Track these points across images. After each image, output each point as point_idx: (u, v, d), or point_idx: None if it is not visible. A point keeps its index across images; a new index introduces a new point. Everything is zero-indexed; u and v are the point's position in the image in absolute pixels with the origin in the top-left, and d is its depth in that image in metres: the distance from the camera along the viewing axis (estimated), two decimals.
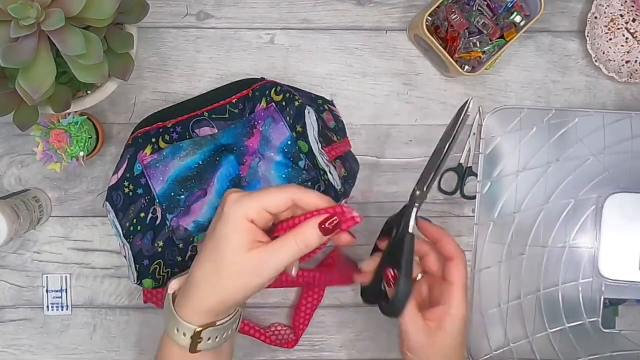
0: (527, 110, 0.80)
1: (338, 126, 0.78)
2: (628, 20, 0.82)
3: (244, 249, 0.54)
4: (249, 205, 0.54)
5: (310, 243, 0.54)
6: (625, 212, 0.78)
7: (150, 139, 0.74)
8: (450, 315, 0.61)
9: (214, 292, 0.55)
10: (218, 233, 0.55)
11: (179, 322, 0.56)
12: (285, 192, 0.55)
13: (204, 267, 0.56)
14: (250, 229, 0.54)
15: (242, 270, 0.54)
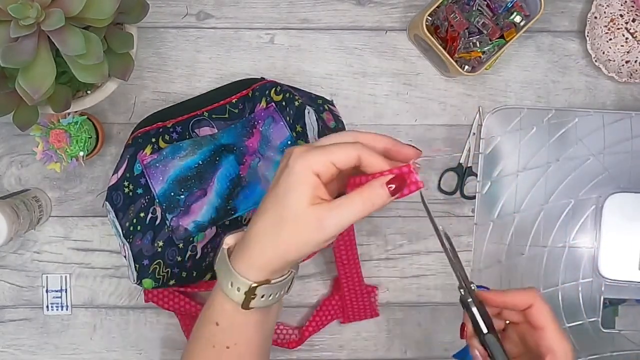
0: (527, 110, 0.80)
1: (338, 126, 0.78)
2: (628, 20, 0.82)
3: (307, 202, 0.52)
4: (316, 158, 0.52)
5: (377, 202, 0.52)
6: (625, 212, 0.78)
7: (150, 139, 0.74)
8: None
9: (273, 245, 0.54)
10: (282, 184, 0.53)
11: (234, 276, 0.55)
12: (355, 149, 0.53)
13: (265, 219, 0.54)
14: (315, 183, 0.52)
15: (304, 224, 0.52)
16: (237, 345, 0.58)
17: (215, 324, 0.59)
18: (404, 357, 0.85)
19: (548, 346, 0.55)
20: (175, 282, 0.74)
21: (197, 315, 0.80)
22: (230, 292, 0.56)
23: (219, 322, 0.58)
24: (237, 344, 0.58)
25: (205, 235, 0.73)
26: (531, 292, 0.57)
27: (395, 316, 0.85)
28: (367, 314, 0.83)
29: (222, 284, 0.57)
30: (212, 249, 0.74)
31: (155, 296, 0.79)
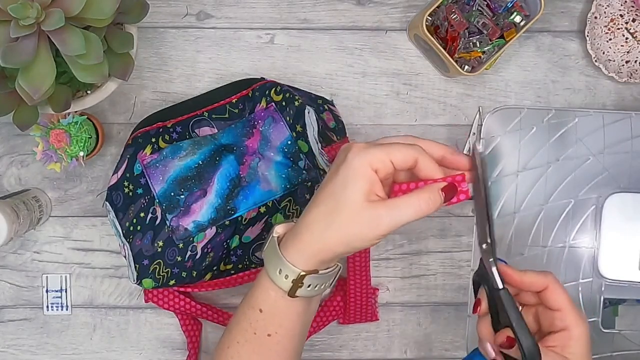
0: (527, 110, 0.80)
1: (338, 126, 0.78)
2: (628, 20, 0.82)
3: (364, 196, 0.53)
4: (376, 154, 0.53)
5: (432, 206, 0.54)
6: (625, 212, 0.78)
7: (150, 139, 0.74)
8: (574, 339, 0.56)
9: (325, 235, 0.54)
10: (340, 177, 0.54)
11: (284, 263, 0.56)
12: (414, 150, 0.54)
13: (319, 208, 0.55)
14: (372, 179, 0.53)
15: (359, 218, 0.53)
16: (277, 334, 0.59)
17: (259, 310, 0.59)
18: (404, 357, 0.85)
19: (564, 325, 0.56)
20: (175, 282, 0.74)
21: (197, 315, 0.81)
22: (278, 280, 0.57)
23: (263, 308, 0.59)
24: (278, 332, 0.59)
25: (205, 235, 0.73)
26: (548, 275, 0.57)
27: (395, 316, 0.85)
28: (368, 318, 0.83)
29: (269, 270, 0.57)
30: (212, 249, 0.74)
31: (155, 296, 0.79)
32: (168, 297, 0.79)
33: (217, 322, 0.81)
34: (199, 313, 0.80)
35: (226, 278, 0.77)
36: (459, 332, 0.85)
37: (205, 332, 0.83)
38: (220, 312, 0.81)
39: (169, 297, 0.79)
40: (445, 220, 0.84)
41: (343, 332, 0.85)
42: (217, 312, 0.81)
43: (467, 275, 0.83)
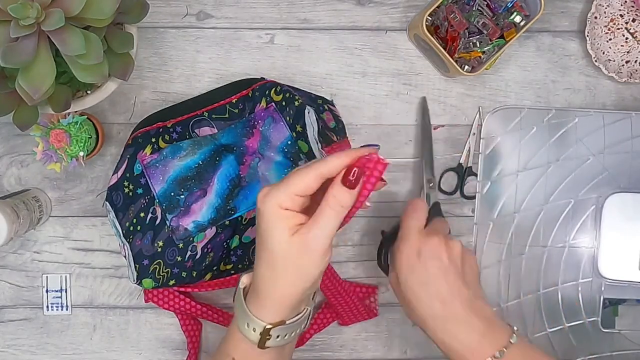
0: (527, 110, 0.80)
1: (338, 126, 0.78)
2: (628, 20, 0.82)
3: (286, 235, 0.54)
4: (278, 195, 0.54)
5: (344, 202, 0.53)
6: (625, 212, 0.78)
7: (150, 139, 0.74)
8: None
9: (278, 284, 0.55)
10: (260, 231, 0.55)
11: (249, 317, 0.57)
12: (310, 172, 0.54)
13: (260, 266, 0.56)
14: (287, 216, 0.54)
15: (293, 256, 0.54)
16: None
17: (232, 359, 0.60)
18: (404, 357, 0.85)
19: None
20: (175, 282, 0.74)
21: (197, 315, 0.81)
22: (247, 332, 0.57)
23: (235, 357, 0.60)
24: None
25: (205, 235, 0.73)
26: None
27: (395, 316, 0.85)
28: (365, 317, 0.83)
29: (239, 323, 0.58)
30: (212, 249, 0.74)
31: (155, 296, 0.79)
32: (168, 297, 0.79)
33: (217, 322, 0.81)
34: (199, 313, 0.80)
35: (226, 278, 0.77)
36: None
37: (205, 332, 0.83)
38: (220, 312, 0.81)
39: (169, 297, 0.79)
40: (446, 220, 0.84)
41: (343, 332, 0.85)
42: (217, 312, 0.81)
43: None
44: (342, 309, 0.81)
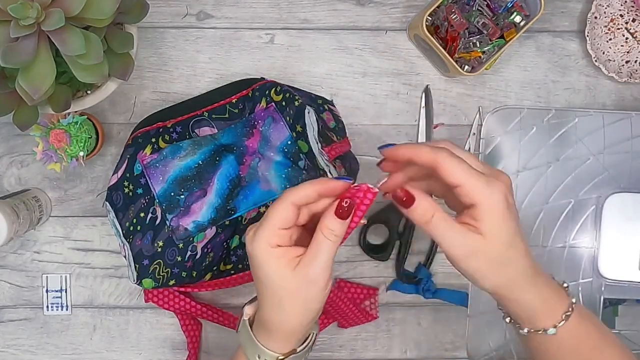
0: (527, 110, 0.80)
1: (338, 126, 0.78)
2: (628, 20, 0.82)
3: (287, 272, 0.53)
4: (264, 234, 0.53)
5: (338, 232, 0.53)
6: (625, 212, 0.78)
7: (150, 139, 0.74)
8: (482, 212, 0.51)
9: (284, 320, 0.55)
10: (257, 272, 0.55)
11: (260, 349, 0.57)
12: (283, 203, 0.53)
13: (268, 302, 0.56)
14: (279, 253, 0.54)
15: (299, 288, 0.54)
16: None
17: None
18: (404, 357, 0.85)
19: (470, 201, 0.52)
20: (175, 282, 0.74)
21: (197, 315, 0.81)
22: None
23: None
24: None
25: (205, 235, 0.73)
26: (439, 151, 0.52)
27: (395, 316, 0.85)
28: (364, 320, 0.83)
29: (248, 354, 0.58)
30: (212, 249, 0.74)
31: (155, 296, 0.79)
32: (168, 297, 0.79)
33: (217, 322, 0.81)
34: (199, 313, 0.80)
35: (226, 278, 0.77)
36: (459, 332, 0.85)
37: (205, 332, 0.83)
38: (220, 312, 0.81)
39: (169, 297, 0.79)
40: None
41: (343, 332, 0.85)
42: (217, 312, 0.81)
43: None
44: (340, 316, 0.81)
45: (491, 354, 0.80)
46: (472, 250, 0.52)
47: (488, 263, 0.53)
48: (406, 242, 0.83)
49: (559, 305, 0.57)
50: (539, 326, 0.56)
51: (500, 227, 0.52)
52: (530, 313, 0.56)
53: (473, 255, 0.52)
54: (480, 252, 0.52)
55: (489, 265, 0.53)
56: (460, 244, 0.52)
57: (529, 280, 0.56)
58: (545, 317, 0.56)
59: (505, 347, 0.80)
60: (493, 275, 0.54)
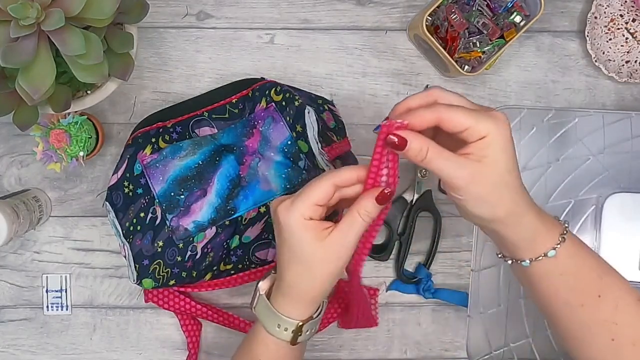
0: (527, 110, 0.80)
1: (338, 126, 0.78)
2: (628, 20, 0.82)
3: (317, 242, 0.58)
4: (300, 207, 0.57)
5: (374, 215, 0.57)
6: (625, 212, 0.78)
7: (150, 139, 0.74)
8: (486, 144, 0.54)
9: (310, 286, 0.60)
10: (289, 240, 0.59)
11: (281, 318, 0.61)
12: (326, 182, 0.58)
13: (294, 271, 0.60)
14: (312, 225, 0.58)
15: (327, 259, 0.58)
16: None
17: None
18: (404, 357, 0.85)
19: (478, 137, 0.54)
20: (175, 282, 0.74)
21: (197, 315, 0.81)
22: (279, 333, 0.61)
23: (262, 359, 0.63)
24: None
25: (205, 235, 0.73)
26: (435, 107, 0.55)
27: (395, 316, 0.85)
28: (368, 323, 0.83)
29: (268, 326, 0.62)
30: (212, 249, 0.74)
31: (155, 296, 0.79)
32: (168, 297, 0.79)
33: (217, 322, 0.81)
34: (199, 313, 0.80)
35: (226, 278, 0.77)
36: (459, 332, 0.85)
37: (205, 332, 0.83)
38: (220, 312, 0.81)
39: (169, 297, 0.79)
40: (446, 220, 0.84)
41: (343, 332, 0.85)
42: (217, 312, 0.81)
43: (467, 275, 0.83)
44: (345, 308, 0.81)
45: (491, 354, 0.80)
46: (472, 176, 0.54)
47: (490, 187, 0.55)
48: (406, 242, 0.83)
49: (555, 226, 0.60)
50: (539, 251, 0.59)
51: (503, 153, 0.55)
52: (530, 237, 0.59)
53: (474, 182, 0.54)
54: (481, 177, 0.54)
55: (491, 190, 0.55)
56: (460, 173, 0.54)
57: (528, 203, 0.58)
58: (544, 239, 0.59)
59: (505, 347, 0.80)
60: (496, 199, 0.56)
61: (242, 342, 0.66)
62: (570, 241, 0.60)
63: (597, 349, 0.61)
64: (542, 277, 0.60)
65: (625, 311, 0.60)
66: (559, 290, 0.61)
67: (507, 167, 0.55)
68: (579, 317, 0.61)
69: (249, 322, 0.81)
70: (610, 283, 0.61)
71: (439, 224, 0.83)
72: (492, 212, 0.57)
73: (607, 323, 0.60)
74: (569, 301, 0.61)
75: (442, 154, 0.54)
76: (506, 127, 0.55)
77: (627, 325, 0.60)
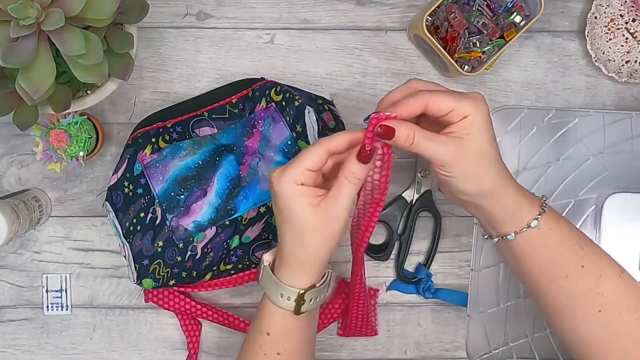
0: (527, 110, 0.80)
1: (338, 126, 0.78)
2: (628, 20, 0.82)
3: (310, 208, 0.59)
4: (292, 172, 0.59)
5: (360, 175, 0.58)
6: (625, 212, 0.78)
7: (150, 139, 0.74)
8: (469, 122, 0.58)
9: (305, 253, 0.61)
10: (282, 207, 0.60)
11: (283, 287, 0.62)
12: (318, 147, 0.59)
13: (288, 238, 0.61)
14: (304, 191, 0.59)
15: (319, 225, 0.59)
16: (286, 351, 0.65)
17: (266, 334, 0.65)
18: (404, 357, 0.85)
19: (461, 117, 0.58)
20: (175, 282, 0.74)
21: (197, 315, 0.81)
22: (282, 303, 0.63)
23: (270, 332, 0.65)
24: (287, 349, 0.65)
25: (205, 235, 0.73)
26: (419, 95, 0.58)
27: (395, 316, 0.85)
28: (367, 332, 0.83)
29: (271, 296, 0.64)
30: (212, 249, 0.74)
31: (155, 296, 0.79)
32: (168, 297, 0.79)
33: (217, 322, 0.81)
34: (199, 313, 0.80)
35: (226, 278, 0.77)
36: (459, 332, 0.85)
37: (205, 332, 0.83)
38: (220, 312, 0.81)
39: (169, 297, 0.79)
40: (446, 220, 0.84)
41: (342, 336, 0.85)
42: (217, 312, 0.81)
43: (467, 275, 0.83)
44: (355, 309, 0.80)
45: (490, 354, 0.80)
46: (457, 152, 0.58)
47: (475, 160, 0.59)
48: (406, 242, 0.83)
49: (534, 199, 0.63)
50: (523, 223, 0.62)
51: (484, 128, 0.59)
52: (514, 208, 0.62)
53: (460, 157, 0.58)
54: (466, 152, 0.58)
55: (477, 163, 0.59)
56: (446, 150, 0.58)
57: (509, 176, 0.62)
58: (526, 211, 0.62)
59: (504, 346, 0.80)
60: (482, 172, 0.60)
61: (252, 320, 0.68)
62: (550, 212, 0.63)
63: (585, 322, 0.62)
64: (527, 250, 0.63)
65: (608, 281, 0.62)
66: (544, 263, 0.63)
67: (489, 141, 0.60)
68: (565, 289, 0.63)
69: (249, 322, 0.81)
70: (592, 253, 0.63)
71: (439, 224, 0.83)
72: (479, 186, 0.60)
73: (592, 293, 0.62)
74: (554, 273, 0.63)
75: (428, 135, 0.58)
76: (485, 106, 0.59)
77: (613, 295, 0.62)
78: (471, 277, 0.79)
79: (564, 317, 0.64)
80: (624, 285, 0.63)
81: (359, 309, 0.79)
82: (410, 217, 0.83)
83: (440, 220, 0.83)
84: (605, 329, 0.62)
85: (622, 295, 0.62)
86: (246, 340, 0.68)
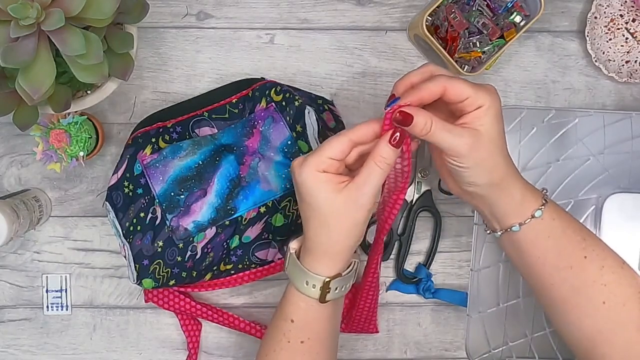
0: (527, 110, 0.80)
1: (338, 126, 0.79)
2: (628, 20, 0.82)
3: (333, 194, 0.59)
4: (314, 161, 0.59)
5: (390, 160, 0.59)
6: (625, 212, 0.78)
7: (150, 139, 0.74)
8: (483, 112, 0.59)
9: (330, 241, 0.61)
10: (305, 195, 0.60)
11: (309, 275, 0.62)
12: (342, 138, 0.59)
13: (313, 226, 0.61)
14: (327, 178, 0.59)
15: (345, 211, 0.60)
16: (310, 339, 0.65)
17: (291, 321, 0.65)
18: (404, 357, 0.85)
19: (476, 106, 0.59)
20: (175, 282, 0.74)
21: (197, 315, 0.81)
22: (307, 290, 0.63)
23: (294, 319, 0.65)
24: (311, 338, 0.65)
25: (205, 235, 0.73)
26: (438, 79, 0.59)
27: (395, 316, 0.85)
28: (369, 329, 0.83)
29: (297, 284, 0.64)
30: (212, 249, 0.74)
31: (155, 296, 0.79)
32: (168, 297, 0.79)
33: (217, 322, 0.81)
34: (199, 313, 0.80)
35: (226, 278, 0.77)
36: (459, 332, 0.85)
37: (205, 332, 0.83)
38: (220, 312, 0.81)
39: (169, 297, 0.79)
40: (446, 220, 0.84)
41: (343, 332, 0.85)
42: (217, 312, 0.81)
43: (467, 275, 0.83)
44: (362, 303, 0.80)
45: (490, 353, 0.80)
46: (473, 143, 0.58)
47: (488, 152, 0.60)
48: (406, 242, 0.83)
49: (536, 190, 0.64)
50: (527, 214, 0.63)
51: (496, 120, 0.60)
52: (519, 200, 0.62)
53: (475, 148, 0.59)
54: (480, 143, 0.59)
55: (489, 154, 0.60)
56: (461, 141, 0.58)
57: (515, 168, 0.63)
58: (530, 202, 0.63)
59: (504, 346, 0.80)
60: (493, 163, 0.61)
61: (276, 307, 0.68)
62: (552, 204, 0.64)
63: (590, 314, 0.63)
64: (531, 241, 0.63)
65: (611, 272, 0.63)
66: (548, 254, 0.63)
67: (500, 133, 0.61)
68: (569, 280, 0.63)
69: (249, 322, 0.81)
70: (593, 244, 0.64)
71: (439, 224, 0.83)
72: (490, 176, 0.61)
73: (596, 284, 0.62)
74: (558, 264, 0.63)
75: (445, 126, 0.58)
76: (498, 99, 0.61)
77: (616, 286, 0.63)
78: (471, 277, 0.79)
79: (567, 309, 0.64)
80: (627, 276, 0.63)
81: (366, 302, 0.79)
82: (410, 217, 0.83)
83: (440, 220, 0.83)
84: (610, 320, 0.62)
85: (625, 285, 0.63)
86: (270, 327, 0.68)
